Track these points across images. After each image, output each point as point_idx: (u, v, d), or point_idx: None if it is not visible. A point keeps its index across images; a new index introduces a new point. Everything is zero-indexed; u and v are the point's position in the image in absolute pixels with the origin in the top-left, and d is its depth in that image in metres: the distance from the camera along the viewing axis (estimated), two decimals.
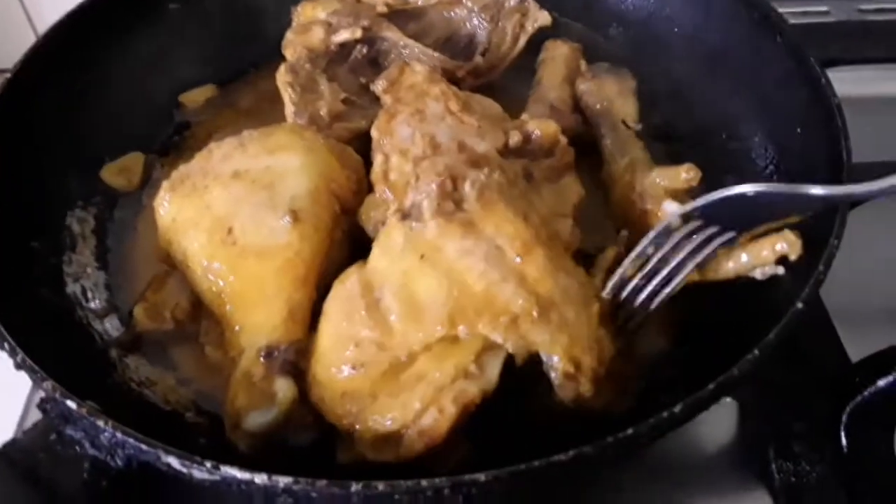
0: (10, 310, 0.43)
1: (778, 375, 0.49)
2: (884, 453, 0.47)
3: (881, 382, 0.46)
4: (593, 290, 0.44)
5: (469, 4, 0.64)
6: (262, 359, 0.41)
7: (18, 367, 0.39)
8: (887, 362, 0.47)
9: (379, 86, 0.55)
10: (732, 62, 0.59)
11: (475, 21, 0.64)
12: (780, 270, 0.43)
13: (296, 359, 0.41)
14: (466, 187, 0.44)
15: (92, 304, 0.52)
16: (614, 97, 0.58)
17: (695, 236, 0.42)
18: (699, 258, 0.42)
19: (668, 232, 0.43)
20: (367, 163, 0.51)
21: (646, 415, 0.37)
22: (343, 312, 0.41)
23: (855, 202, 0.44)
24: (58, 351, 0.44)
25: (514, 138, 0.52)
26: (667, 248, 0.42)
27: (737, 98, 0.58)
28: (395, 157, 0.49)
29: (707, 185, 0.51)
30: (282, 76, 0.57)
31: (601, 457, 0.35)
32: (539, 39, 0.65)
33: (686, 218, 0.43)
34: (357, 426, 0.39)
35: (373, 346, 0.40)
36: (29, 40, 0.57)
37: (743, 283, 0.44)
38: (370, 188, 0.49)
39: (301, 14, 0.63)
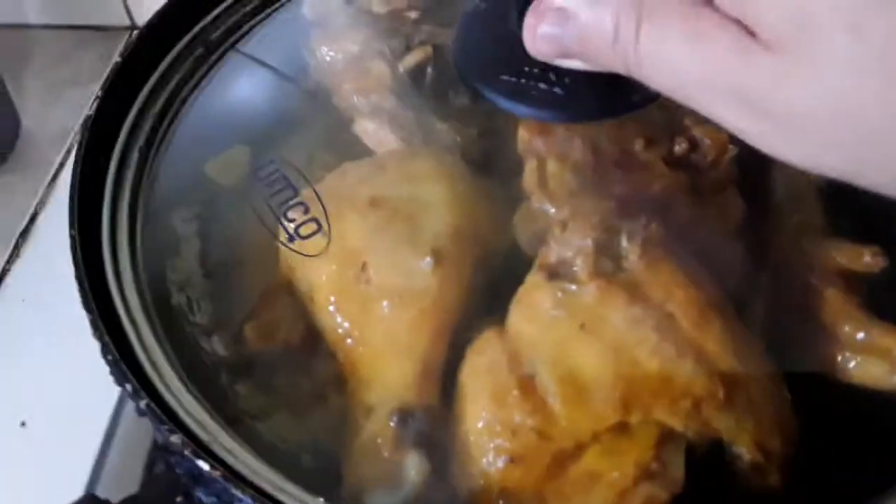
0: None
1: None
2: None
3: None
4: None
5: None
6: (392, 424, 0.37)
7: (142, 413, 0.36)
8: None
9: None
10: None
11: None
12: None
13: (430, 429, 0.37)
14: (623, 241, 0.39)
15: (198, 319, 0.48)
16: None
17: None
18: None
19: None
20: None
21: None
22: (491, 391, 0.37)
23: None
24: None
25: (681, 146, 0.47)
26: None
27: None
28: (552, 163, 0.44)
29: None
30: (378, 131, 0.49)
31: None
32: None
33: None
34: None
35: (533, 434, 0.35)
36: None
37: None
38: None
39: (323, 53, 0.54)
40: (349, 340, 0.41)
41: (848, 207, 0.49)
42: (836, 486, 0.36)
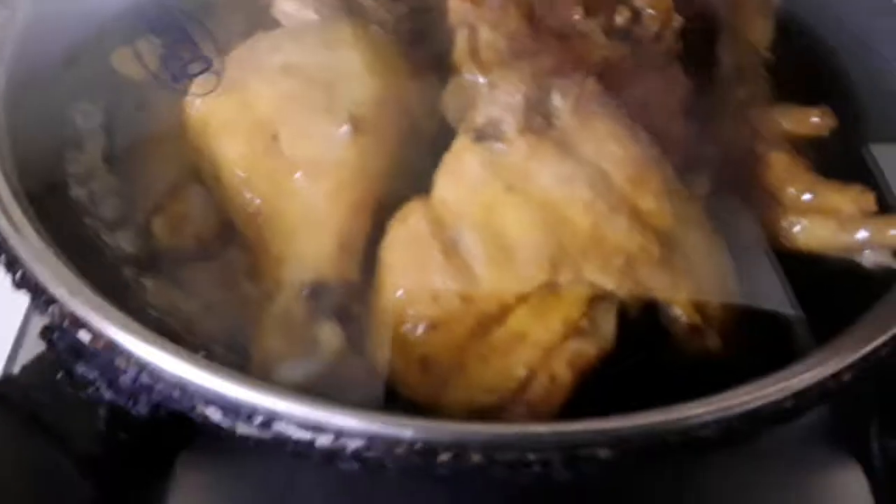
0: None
1: None
2: None
3: None
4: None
5: None
6: (305, 296, 0.34)
7: (18, 285, 0.32)
8: None
9: None
10: None
11: None
12: None
13: (347, 302, 0.34)
14: (556, 99, 0.36)
15: (101, 213, 0.44)
16: (751, 13, 0.47)
17: None
18: None
19: None
20: None
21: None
22: (412, 259, 0.34)
23: None
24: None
25: (622, 16, 0.44)
26: None
27: None
28: (485, 31, 0.41)
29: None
30: (300, 11, 0.45)
31: None
32: None
33: None
34: (442, 399, 0.32)
35: (455, 299, 0.32)
36: None
37: None
38: None
39: None
40: (260, 217, 0.38)
41: (794, 78, 0.47)
42: (774, 347, 0.35)
